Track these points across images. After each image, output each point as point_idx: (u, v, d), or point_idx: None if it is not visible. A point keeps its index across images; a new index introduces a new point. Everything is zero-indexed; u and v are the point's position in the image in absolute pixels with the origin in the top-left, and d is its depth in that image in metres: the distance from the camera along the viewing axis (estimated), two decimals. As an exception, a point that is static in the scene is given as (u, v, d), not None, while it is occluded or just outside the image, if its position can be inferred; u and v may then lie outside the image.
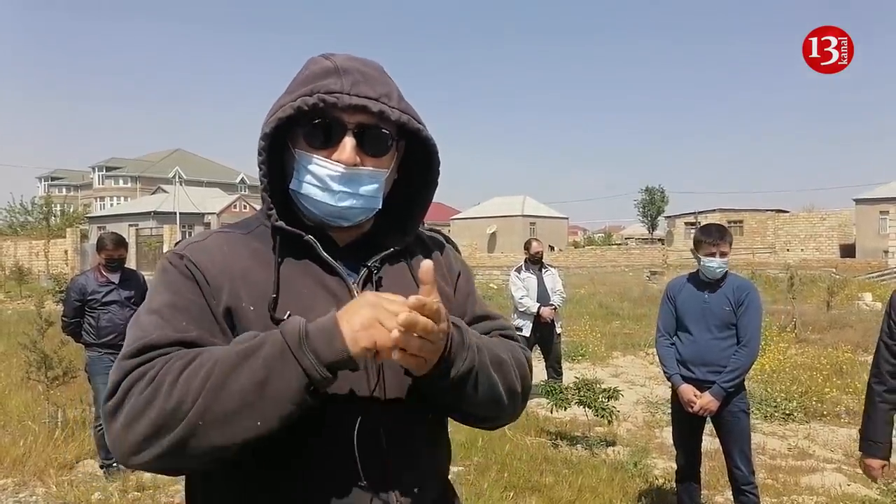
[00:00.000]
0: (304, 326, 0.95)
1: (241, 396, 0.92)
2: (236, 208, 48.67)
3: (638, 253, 45.16)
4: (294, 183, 1.14)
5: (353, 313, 0.95)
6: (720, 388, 3.66)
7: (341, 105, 1.08)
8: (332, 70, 1.11)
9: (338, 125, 1.10)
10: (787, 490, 4.97)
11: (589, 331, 12.94)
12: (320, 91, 1.08)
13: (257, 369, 0.93)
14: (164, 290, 1.08)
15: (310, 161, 1.11)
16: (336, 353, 0.94)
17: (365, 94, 1.09)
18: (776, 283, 19.18)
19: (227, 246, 1.14)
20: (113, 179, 70.02)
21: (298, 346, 0.93)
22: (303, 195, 1.13)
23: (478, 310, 1.32)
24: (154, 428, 0.92)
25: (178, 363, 0.96)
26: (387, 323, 0.93)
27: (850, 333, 11.82)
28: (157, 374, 0.95)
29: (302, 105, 1.08)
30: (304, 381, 0.93)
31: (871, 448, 2.78)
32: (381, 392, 1.11)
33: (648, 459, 5.61)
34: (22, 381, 7.35)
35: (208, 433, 0.92)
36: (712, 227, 3.86)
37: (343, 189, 1.11)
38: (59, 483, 4.79)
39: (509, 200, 56.62)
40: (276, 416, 0.94)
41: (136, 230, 37.69)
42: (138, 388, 0.95)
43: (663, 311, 4.02)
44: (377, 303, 0.96)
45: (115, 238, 5.41)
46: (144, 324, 1.04)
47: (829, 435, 6.50)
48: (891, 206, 32.94)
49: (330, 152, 1.11)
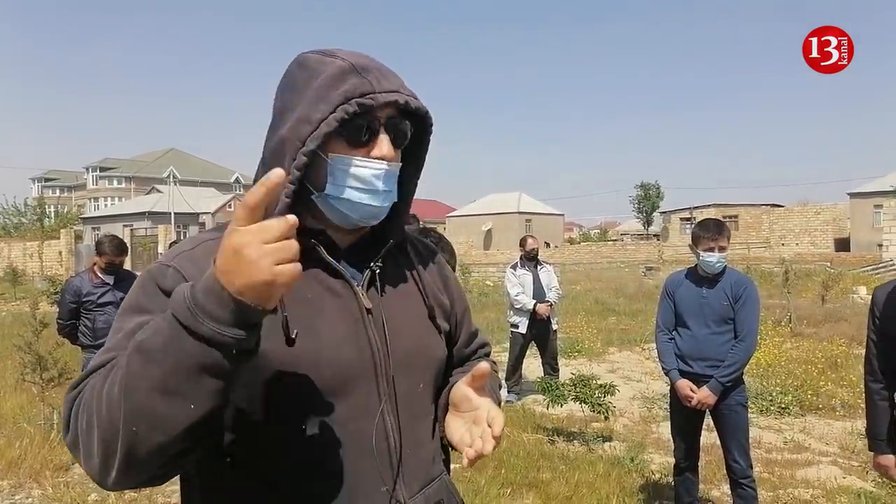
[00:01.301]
0: (189, 297, 0.85)
1: (157, 390, 0.84)
2: (231, 208, 48.51)
3: (633, 249, 45.23)
4: (331, 189, 1.10)
5: (222, 268, 0.83)
6: (718, 382, 3.68)
7: (377, 104, 1.07)
8: (349, 70, 1.08)
9: (374, 123, 1.10)
10: (783, 483, 4.99)
11: (585, 327, 12.96)
12: (353, 95, 1.06)
13: (161, 360, 0.85)
14: (136, 307, 1.04)
15: (351, 164, 1.09)
16: (231, 310, 0.83)
17: (390, 87, 1.09)
18: (771, 278, 19.23)
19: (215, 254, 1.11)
20: (107, 180, 69.73)
21: (192, 318, 0.83)
22: (341, 200, 1.10)
23: (473, 327, 1.41)
24: (104, 450, 0.89)
25: (99, 380, 0.92)
26: (253, 251, 0.81)
27: (845, 327, 11.85)
28: (87, 399, 0.92)
29: (344, 115, 1.05)
30: (217, 352, 0.84)
31: (881, 446, 2.77)
32: (390, 394, 1.12)
33: (645, 454, 5.62)
34: (17, 383, 7.33)
35: (149, 436, 0.86)
36: (710, 222, 3.88)
37: (386, 188, 1.11)
38: (54, 485, 4.78)
39: (505, 197, 56.67)
40: (206, 394, 0.86)
41: (130, 230, 37.60)
42: (81, 417, 0.93)
43: (662, 307, 4.03)
44: (236, 240, 0.83)
45: (116, 244, 5.38)
46: (105, 347, 1.02)
47: (825, 428, 6.53)
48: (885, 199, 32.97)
49: (367, 151, 1.10)
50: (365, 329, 1.11)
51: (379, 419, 1.09)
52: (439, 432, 1.23)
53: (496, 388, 1.36)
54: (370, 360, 1.11)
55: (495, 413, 1.09)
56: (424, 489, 1.16)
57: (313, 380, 1.05)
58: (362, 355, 1.10)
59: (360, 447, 1.07)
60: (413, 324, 1.20)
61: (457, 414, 1.16)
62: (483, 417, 1.10)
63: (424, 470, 1.17)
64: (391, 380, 1.12)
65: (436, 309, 1.25)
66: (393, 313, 1.16)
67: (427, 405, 1.21)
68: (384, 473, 1.09)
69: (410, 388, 1.16)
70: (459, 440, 1.12)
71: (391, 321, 1.14)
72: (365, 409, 1.08)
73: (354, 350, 1.10)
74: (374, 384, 1.10)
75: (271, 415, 1.04)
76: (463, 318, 1.38)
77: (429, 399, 1.21)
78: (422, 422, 1.19)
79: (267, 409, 1.04)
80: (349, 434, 1.07)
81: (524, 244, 7.79)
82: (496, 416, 1.09)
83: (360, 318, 1.12)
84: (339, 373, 1.07)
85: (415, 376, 1.17)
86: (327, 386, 1.06)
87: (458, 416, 1.16)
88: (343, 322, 1.10)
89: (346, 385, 1.07)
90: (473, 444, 1.06)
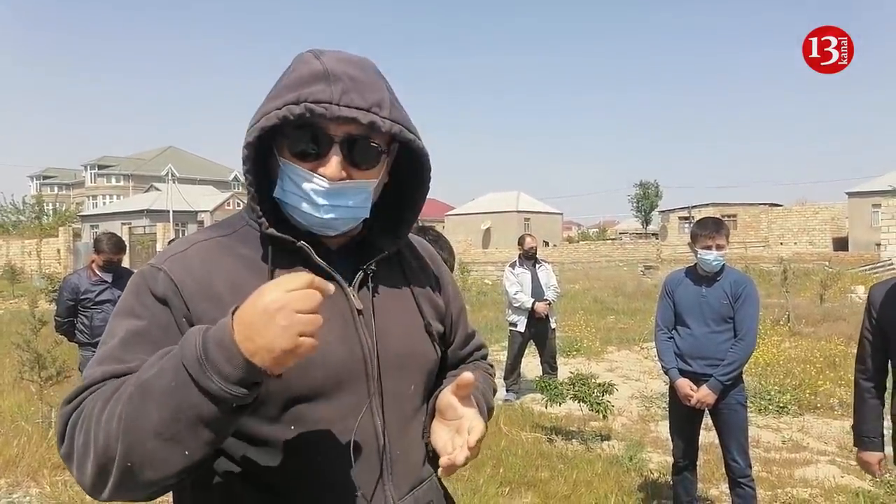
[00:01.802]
0: (201, 346, 0.84)
1: (155, 434, 0.85)
2: (229, 206, 48.46)
3: (632, 248, 45.25)
4: (278, 191, 1.09)
5: (246, 320, 0.84)
6: (717, 381, 3.68)
7: (329, 116, 1.02)
8: (321, 75, 1.03)
9: (325, 137, 1.04)
10: (782, 482, 5.00)
11: (583, 326, 12.96)
12: (307, 99, 1.01)
13: (163, 405, 0.85)
14: (129, 312, 1.04)
15: (294, 173, 1.06)
16: (241, 369, 0.83)
17: (355, 103, 1.03)
18: (770, 277, 19.25)
19: (209, 255, 1.09)
20: (105, 178, 69.69)
21: (200, 370, 0.83)
22: (288, 204, 1.09)
23: (469, 328, 1.41)
24: (97, 471, 0.90)
25: (99, 404, 0.91)
26: (285, 317, 0.82)
27: (844, 326, 11.85)
28: (85, 421, 0.93)
29: (287, 114, 1.01)
30: (216, 407, 0.84)
31: (866, 443, 2.81)
32: (379, 394, 1.11)
33: (644, 453, 5.62)
34: (15, 382, 7.31)
35: (142, 471, 0.87)
36: (709, 221, 3.88)
37: (327, 203, 1.06)
38: (52, 483, 4.77)
39: (503, 196, 56.66)
40: (202, 444, 0.87)
41: (128, 228, 37.49)
42: (77, 435, 0.93)
43: (661, 305, 4.03)
44: (271, 301, 0.84)
45: (115, 241, 5.36)
46: (99, 355, 1.02)
47: (823, 427, 6.53)
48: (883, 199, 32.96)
49: (316, 165, 1.05)
50: (356, 330, 1.11)
51: (365, 419, 1.08)
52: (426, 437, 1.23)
53: (489, 392, 1.35)
54: (360, 360, 1.10)
55: (476, 423, 1.09)
56: (414, 490, 1.15)
57: (303, 379, 1.04)
58: (353, 356, 1.10)
59: (347, 447, 1.06)
60: (404, 326, 1.19)
61: (442, 421, 1.15)
62: (464, 427, 1.09)
63: (414, 471, 1.17)
64: (380, 380, 1.11)
65: (428, 311, 1.24)
66: (384, 315, 1.15)
67: (418, 407, 1.20)
68: (372, 474, 1.09)
69: (401, 390, 1.15)
70: (442, 447, 1.11)
71: (382, 323, 1.14)
72: (355, 410, 1.08)
73: (345, 350, 1.09)
74: (365, 385, 1.10)
75: (261, 414, 1.03)
76: (458, 319, 1.37)
77: (420, 401, 1.21)
78: (412, 423, 1.18)
79: (255, 409, 1.03)
80: (338, 434, 1.06)
81: (522, 243, 7.79)
82: (476, 426, 1.08)
83: (351, 318, 1.12)
84: (329, 373, 1.06)
85: (405, 378, 1.16)
86: (317, 386, 1.05)
87: (444, 423, 1.15)
88: (334, 323, 1.09)
89: (337, 385, 1.07)
90: (451, 453, 1.06)
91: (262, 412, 1.03)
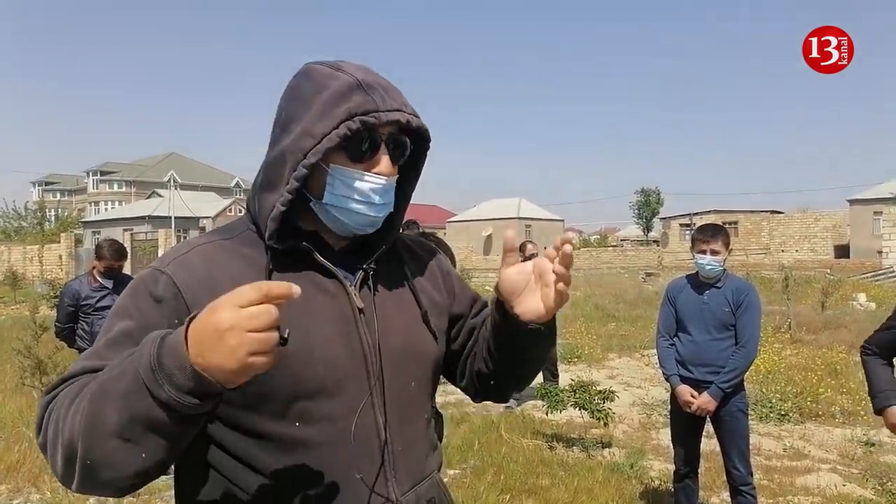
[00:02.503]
0: (155, 352, 0.84)
1: (113, 435, 0.86)
2: (231, 212, 48.56)
3: (633, 254, 45.29)
4: (329, 198, 1.13)
5: (196, 337, 0.83)
6: (718, 388, 3.68)
7: (380, 122, 1.10)
8: (355, 86, 1.11)
9: (376, 141, 1.13)
10: (783, 490, 4.98)
11: (585, 332, 12.94)
12: (358, 112, 1.09)
13: (120, 408, 0.86)
14: (122, 313, 1.07)
15: (351, 177, 1.12)
16: (192, 380, 0.82)
17: (394, 107, 1.12)
18: (771, 284, 19.22)
19: (211, 256, 1.12)
20: (107, 184, 69.81)
21: (152, 377, 0.83)
22: (339, 208, 1.13)
23: (474, 295, 1.43)
24: (64, 463, 0.92)
25: (68, 399, 0.94)
26: (235, 337, 0.80)
27: (845, 334, 11.83)
28: (54, 413, 0.96)
29: (347, 132, 1.08)
30: (166, 415, 0.84)
31: (885, 398, 2.68)
32: (381, 391, 1.13)
33: (645, 461, 5.61)
34: (16, 387, 7.34)
35: (101, 470, 0.89)
36: (707, 226, 3.91)
37: (383, 201, 1.15)
38: (53, 489, 4.77)
39: (505, 203, 56.72)
40: (159, 448, 0.87)
41: (130, 235, 37.54)
42: (48, 427, 0.96)
43: (663, 312, 4.03)
44: (221, 319, 0.81)
45: (116, 248, 5.37)
46: (86, 352, 1.06)
47: (825, 435, 6.51)
48: (884, 206, 32.98)
49: (368, 166, 1.13)
50: (357, 328, 1.14)
51: (367, 415, 1.11)
52: (432, 432, 1.26)
53: None
54: (361, 358, 1.12)
55: None
56: (416, 487, 1.17)
57: (306, 378, 1.07)
58: (354, 354, 1.12)
59: (350, 443, 1.09)
60: (406, 323, 1.21)
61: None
62: (545, 265, 1.12)
63: (417, 468, 1.19)
64: (382, 378, 1.13)
65: (430, 307, 1.26)
66: (385, 313, 1.18)
67: (420, 404, 1.22)
68: (372, 470, 1.11)
69: (402, 387, 1.17)
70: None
71: (383, 321, 1.17)
72: (356, 407, 1.10)
73: (346, 349, 1.12)
74: (366, 382, 1.12)
75: (265, 411, 1.06)
76: (467, 300, 1.39)
77: (422, 398, 1.23)
78: (414, 420, 1.20)
79: (259, 406, 1.06)
80: (341, 430, 1.08)
81: (523, 250, 7.80)
82: None
83: (353, 317, 1.14)
84: (331, 371, 1.09)
85: (407, 375, 1.18)
86: (319, 384, 1.08)
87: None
88: (335, 321, 1.12)
89: (338, 383, 1.09)
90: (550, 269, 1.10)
91: (267, 409, 1.06)
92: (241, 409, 1.07)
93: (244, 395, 1.05)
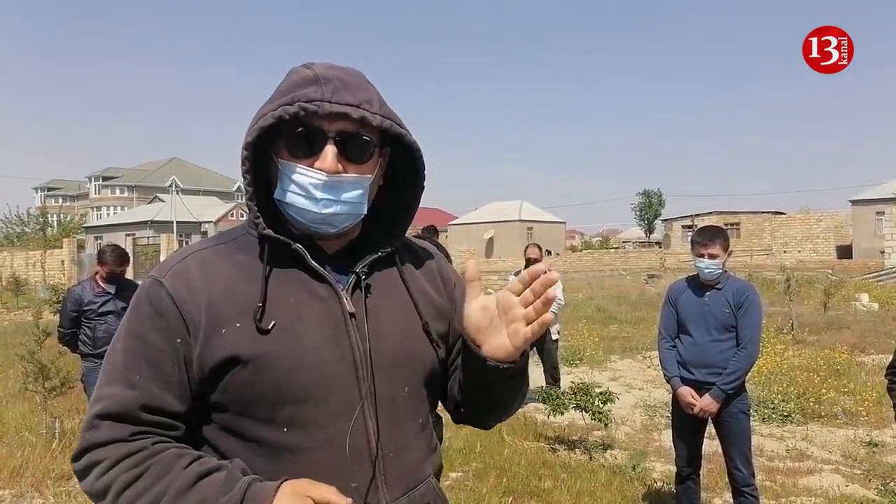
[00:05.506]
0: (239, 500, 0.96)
1: None
2: (233, 216, 48.64)
3: (635, 256, 45.18)
4: (278, 192, 1.14)
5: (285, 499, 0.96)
6: (719, 389, 3.68)
7: (322, 113, 1.08)
8: (312, 79, 1.11)
9: (319, 133, 1.10)
10: (786, 492, 4.97)
11: (587, 335, 12.94)
12: (301, 100, 1.08)
13: None
14: (132, 331, 1.11)
15: (292, 170, 1.11)
16: None
17: (346, 101, 1.09)
18: (773, 285, 19.16)
19: (207, 264, 1.14)
20: (109, 189, 69.96)
21: None
22: (287, 204, 1.13)
23: None
24: None
25: (125, 475, 1.01)
26: None
27: (847, 334, 11.82)
28: (110, 470, 1.02)
29: (283, 114, 1.07)
30: None
31: None
32: (371, 397, 1.13)
33: (647, 463, 5.61)
34: (19, 392, 7.34)
35: None
36: (706, 229, 3.91)
37: (326, 196, 1.11)
38: (56, 494, 4.77)
39: (506, 205, 56.68)
40: None
41: (133, 239, 37.61)
42: (96, 473, 1.03)
43: (664, 314, 4.04)
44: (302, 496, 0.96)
45: (118, 253, 5.38)
46: (108, 371, 1.10)
47: (827, 436, 6.51)
48: (886, 206, 32.91)
49: (312, 161, 1.11)
50: (347, 333, 1.13)
51: (357, 421, 1.10)
52: (429, 436, 1.25)
53: None
54: (351, 363, 1.12)
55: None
56: (410, 492, 1.16)
57: (294, 381, 1.07)
58: (343, 359, 1.11)
59: (339, 449, 1.08)
60: (400, 327, 1.20)
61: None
62: (509, 299, 1.09)
63: (410, 473, 1.17)
64: (373, 383, 1.13)
65: (427, 312, 1.24)
66: (378, 318, 1.17)
67: (413, 409, 1.20)
68: (365, 475, 1.10)
69: (394, 392, 1.16)
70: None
71: (375, 325, 1.16)
72: (347, 412, 1.10)
73: (336, 353, 1.11)
74: (356, 387, 1.11)
75: (254, 416, 1.07)
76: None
77: (416, 403, 1.21)
78: (406, 425, 1.18)
79: (247, 410, 1.07)
80: (330, 436, 1.08)
81: (527, 252, 7.80)
82: None
83: (343, 321, 1.13)
84: (319, 376, 1.09)
85: (399, 380, 1.17)
86: (307, 388, 1.08)
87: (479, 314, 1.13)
88: (325, 325, 1.12)
89: (327, 388, 1.09)
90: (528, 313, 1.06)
91: (255, 413, 1.07)
92: (232, 413, 1.08)
93: (233, 400, 1.07)
